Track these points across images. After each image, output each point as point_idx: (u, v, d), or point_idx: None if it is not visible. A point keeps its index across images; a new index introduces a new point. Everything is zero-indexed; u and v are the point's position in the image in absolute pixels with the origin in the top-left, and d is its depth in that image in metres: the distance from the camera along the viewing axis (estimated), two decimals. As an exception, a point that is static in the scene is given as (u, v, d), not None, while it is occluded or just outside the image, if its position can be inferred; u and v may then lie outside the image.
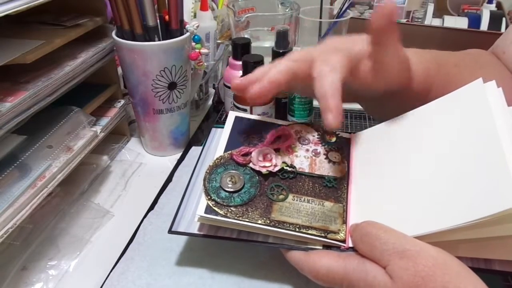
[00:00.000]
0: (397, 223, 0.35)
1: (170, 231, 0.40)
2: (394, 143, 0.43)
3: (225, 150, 0.44)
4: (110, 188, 0.56)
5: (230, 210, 0.38)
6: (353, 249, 0.36)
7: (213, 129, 0.50)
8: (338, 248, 0.37)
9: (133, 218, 0.49)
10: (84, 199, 0.52)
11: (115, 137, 0.63)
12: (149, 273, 0.41)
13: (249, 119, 0.48)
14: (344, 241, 0.37)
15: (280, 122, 0.48)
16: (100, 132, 0.55)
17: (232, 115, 0.48)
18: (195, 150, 0.61)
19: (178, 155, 0.62)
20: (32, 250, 0.44)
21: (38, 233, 0.46)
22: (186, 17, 0.68)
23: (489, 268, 0.35)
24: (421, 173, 0.38)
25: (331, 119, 0.37)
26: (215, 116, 0.73)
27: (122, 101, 0.62)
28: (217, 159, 0.43)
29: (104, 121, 0.57)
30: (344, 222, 0.39)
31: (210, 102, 0.77)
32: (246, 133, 0.46)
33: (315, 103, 0.66)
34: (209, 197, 0.39)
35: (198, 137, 0.67)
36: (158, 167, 0.60)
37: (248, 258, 0.43)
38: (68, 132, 0.50)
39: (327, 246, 0.38)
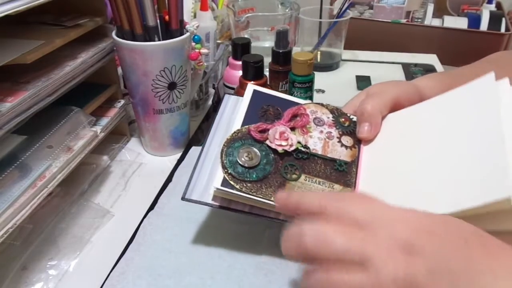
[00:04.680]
0: None
1: (184, 198, 0.40)
2: (403, 132, 0.44)
3: (243, 124, 0.44)
4: (110, 188, 0.56)
5: (245, 185, 0.39)
6: None
7: (226, 96, 0.49)
8: None
9: (133, 218, 0.49)
10: (84, 199, 0.52)
11: (115, 137, 0.63)
12: (149, 273, 0.41)
13: (267, 94, 0.47)
14: None
15: (296, 100, 0.48)
16: (100, 132, 0.55)
17: (250, 88, 0.47)
18: (195, 150, 0.61)
19: (178, 155, 0.62)
20: (32, 250, 0.44)
21: (38, 233, 0.46)
22: (186, 17, 0.68)
23: None
24: (423, 162, 0.39)
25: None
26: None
27: (122, 101, 0.62)
28: (234, 132, 0.43)
29: (104, 121, 0.57)
30: None
31: (210, 102, 0.77)
32: (263, 108, 0.46)
33: (315, 92, 0.65)
34: (226, 170, 0.40)
35: (198, 137, 0.67)
36: (158, 167, 0.60)
37: (248, 258, 0.43)
38: (68, 132, 0.50)
39: None
